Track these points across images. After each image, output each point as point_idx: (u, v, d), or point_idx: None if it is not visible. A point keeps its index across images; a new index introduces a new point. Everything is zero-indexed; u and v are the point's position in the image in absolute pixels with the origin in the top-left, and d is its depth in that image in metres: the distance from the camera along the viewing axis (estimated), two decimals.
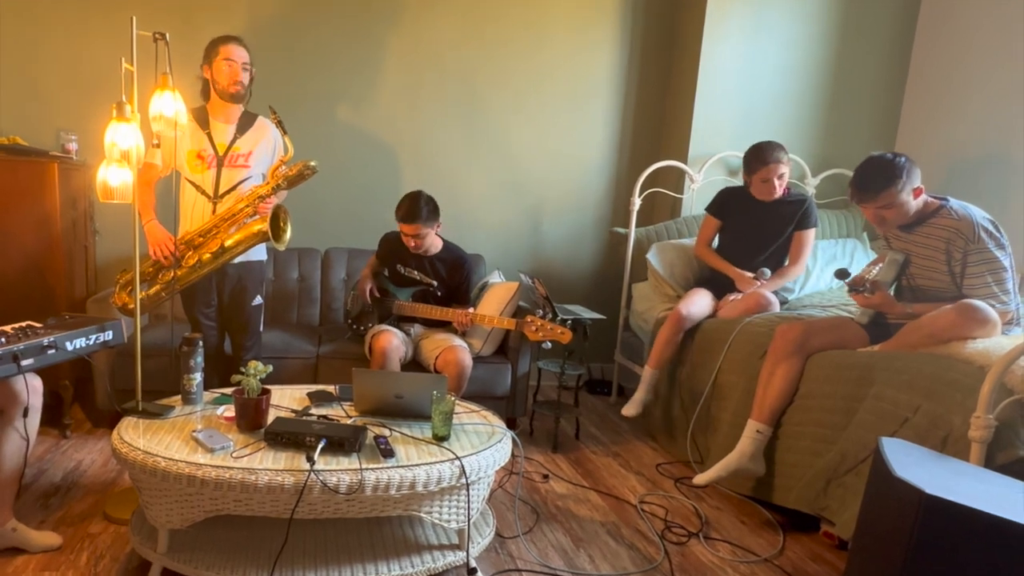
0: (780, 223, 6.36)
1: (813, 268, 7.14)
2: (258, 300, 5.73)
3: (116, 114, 4.37)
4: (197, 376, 4.50)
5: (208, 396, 4.67)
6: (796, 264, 6.37)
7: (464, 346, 5.91)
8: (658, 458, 6.15)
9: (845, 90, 7.85)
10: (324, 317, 7.13)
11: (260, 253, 5.69)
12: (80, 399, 6.48)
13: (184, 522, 3.78)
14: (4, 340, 3.79)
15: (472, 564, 4.11)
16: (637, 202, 7.42)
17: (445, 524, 4.00)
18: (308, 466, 3.63)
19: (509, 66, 7.62)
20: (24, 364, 3.79)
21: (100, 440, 5.90)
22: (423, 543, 4.20)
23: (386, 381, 4.58)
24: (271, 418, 4.21)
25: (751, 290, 6.13)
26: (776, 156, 6.21)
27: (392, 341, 5.77)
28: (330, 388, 4.94)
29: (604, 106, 7.93)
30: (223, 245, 5.24)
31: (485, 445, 4.10)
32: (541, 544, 4.63)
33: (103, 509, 4.73)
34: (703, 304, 6.26)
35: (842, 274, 5.22)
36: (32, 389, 4.07)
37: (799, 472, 4.95)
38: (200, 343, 4.48)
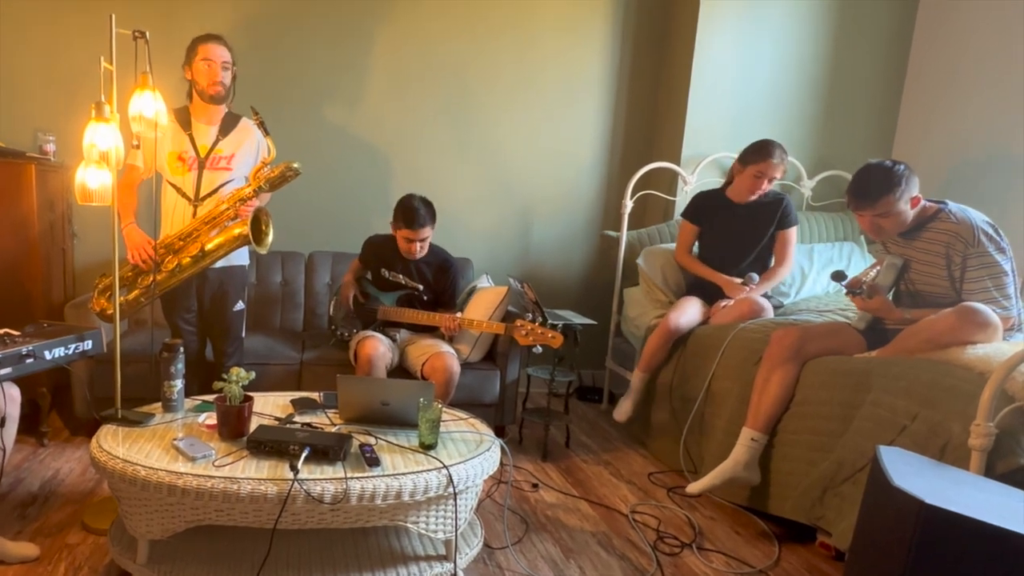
0: (759, 225, 6.37)
1: (809, 272, 7.13)
2: (240, 305, 5.72)
3: (95, 114, 4.36)
4: (178, 383, 4.50)
5: (189, 403, 4.67)
6: (783, 264, 6.38)
7: (452, 352, 5.91)
8: (650, 467, 6.15)
9: (842, 90, 7.86)
10: (308, 322, 7.13)
11: (242, 258, 5.68)
12: (58, 406, 6.47)
13: (164, 532, 3.77)
14: None
15: (459, 575, 4.11)
16: (629, 204, 7.42)
17: (432, 535, 4.00)
18: (292, 475, 3.63)
19: (497, 65, 7.62)
20: (1, 373, 3.79)
21: (78, 449, 5.88)
22: (409, 554, 4.20)
23: (372, 388, 4.57)
24: (254, 426, 4.20)
25: (741, 296, 6.15)
26: (780, 156, 6.20)
27: (378, 348, 5.76)
28: (314, 395, 4.94)
29: (595, 106, 7.94)
30: (203, 249, 5.24)
31: (473, 453, 4.10)
32: (530, 555, 4.63)
33: (81, 519, 4.72)
34: (693, 313, 6.27)
35: (838, 276, 5.23)
36: (9, 398, 4.07)
37: (795, 481, 4.94)
38: (181, 349, 4.49)
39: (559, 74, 7.78)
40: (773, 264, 6.42)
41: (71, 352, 4.25)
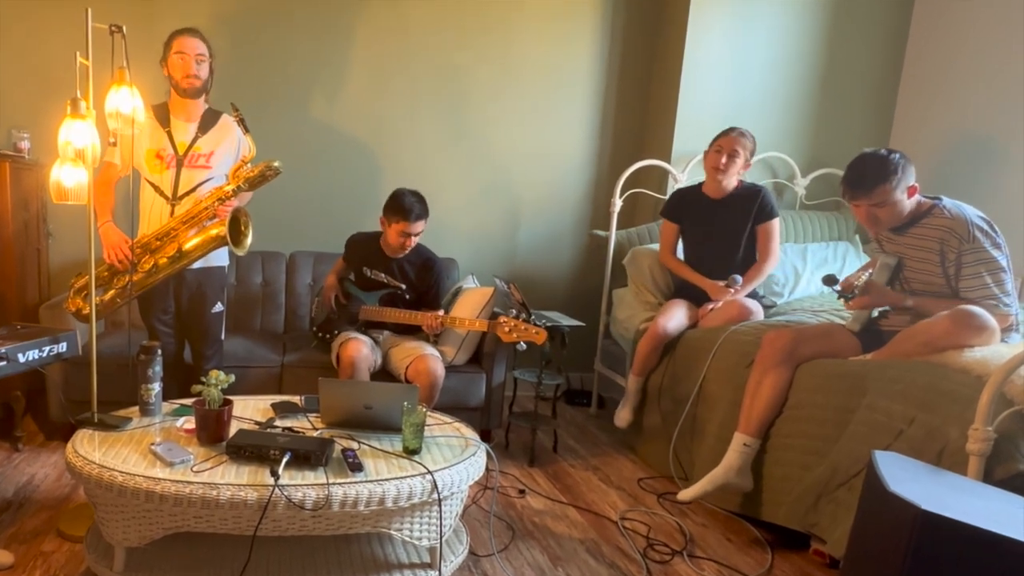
0: (736, 219, 6.37)
1: (803, 271, 7.14)
2: (219, 307, 5.71)
3: (70, 111, 4.37)
4: (155, 386, 4.50)
5: (167, 407, 4.67)
6: (767, 259, 6.35)
7: (436, 355, 5.91)
8: (640, 472, 6.15)
9: (837, 86, 7.87)
10: (289, 324, 7.13)
11: (222, 258, 5.67)
12: (32, 410, 6.45)
13: (142, 539, 3.78)
14: None
15: None
16: (618, 203, 7.40)
17: (416, 542, 4.01)
18: (272, 481, 3.63)
19: (483, 59, 7.62)
20: None
21: (54, 453, 5.87)
22: (393, 561, 4.21)
23: (354, 391, 4.58)
24: (233, 430, 4.20)
25: (727, 298, 6.16)
26: (738, 132, 6.29)
27: (361, 350, 5.76)
28: (295, 399, 4.95)
29: (583, 102, 7.94)
30: (180, 249, 5.23)
31: (458, 458, 4.11)
32: (517, 563, 4.63)
33: (57, 526, 4.70)
34: (680, 317, 6.28)
35: (830, 280, 5.22)
36: None
37: (788, 487, 4.95)
38: (158, 352, 4.48)
39: (546, 68, 7.78)
40: (757, 260, 6.42)
41: (46, 355, 4.25)
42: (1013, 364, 3.77)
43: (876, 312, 5.29)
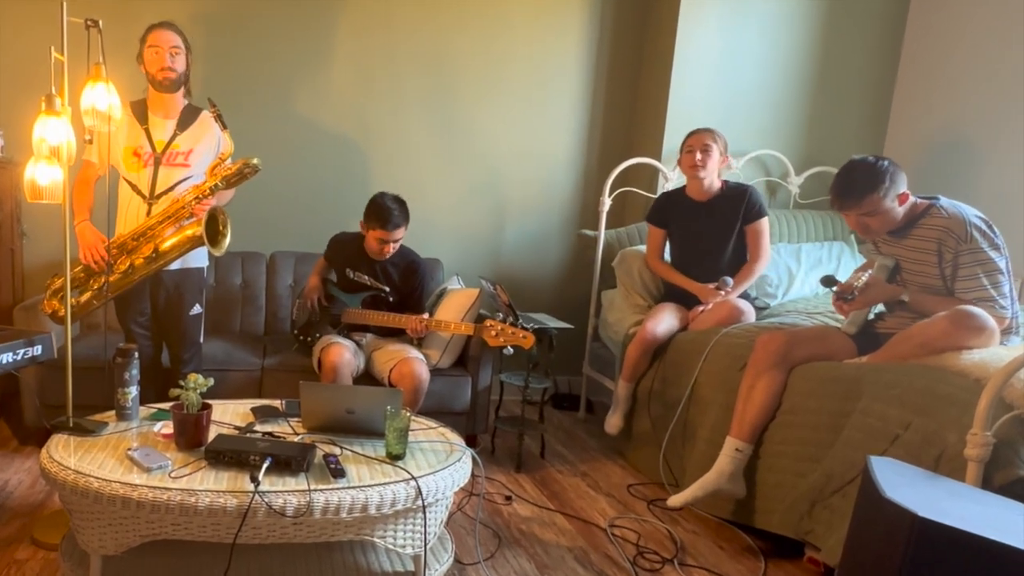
0: (724, 221, 6.37)
1: (797, 272, 7.15)
2: (197, 309, 5.71)
3: (45, 107, 4.37)
4: (132, 390, 4.49)
5: (144, 412, 4.66)
6: (758, 260, 6.36)
7: (420, 358, 5.92)
8: (629, 478, 6.16)
9: (832, 82, 7.88)
10: (269, 326, 7.12)
11: (201, 259, 5.67)
12: (6, 415, 6.45)
13: (118, 547, 3.77)
14: None
15: None
16: (607, 202, 7.40)
17: (400, 549, 4.01)
18: (252, 487, 3.63)
19: (468, 55, 7.62)
20: None
21: (28, 459, 5.86)
22: (376, 570, 4.21)
23: (336, 395, 4.58)
24: (212, 435, 4.18)
25: (717, 300, 6.16)
26: (705, 129, 6.35)
27: (343, 355, 5.76)
28: (276, 403, 4.94)
29: (571, 98, 7.95)
30: (157, 249, 5.23)
31: (443, 464, 4.11)
32: (503, 571, 4.64)
33: (31, 533, 4.70)
34: (670, 321, 6.27)
35: (828, 281, 5.20)
36: None
37: (782, 494, 4.94)
38: (135, 355, 4.47)
39: (534, 64, 7.78)
40: (748, 261, 6.41)
41: (20, 358, 4.25)
42: (1013, 367, 3.75)
43: (872, 314, 5.30)
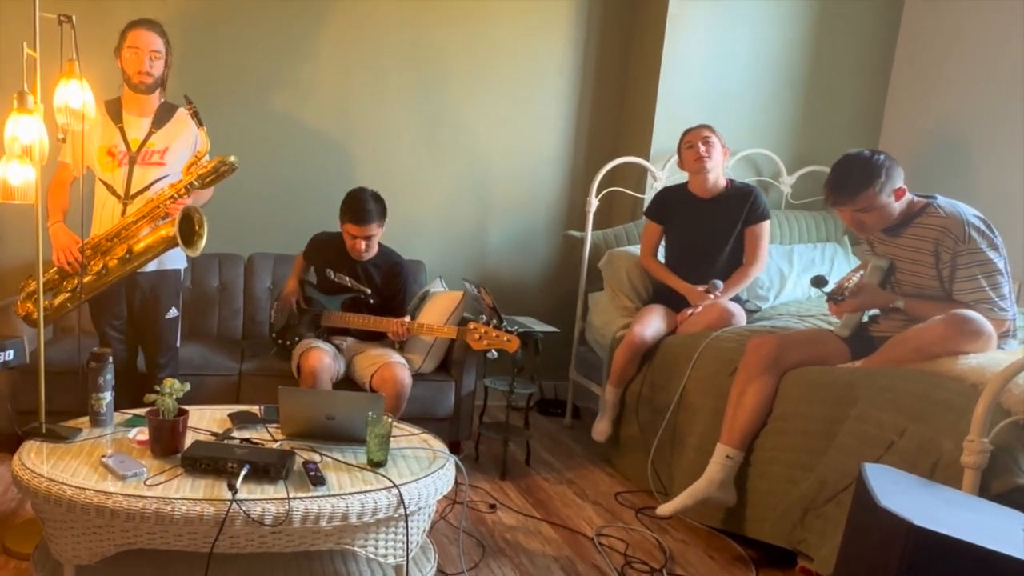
0: (726, 220, 6.39)
1: (789, 274, 7.15)
2: (173, 312, 5.71)
3: (17, 105, 4.38)
4: (107, 395, 4.49)
5: (119, 417, 4.66)
6: (754, 263, 6.37)
7: (403, 362, 5.93)
8: (617, 486, 6.17)
9: (825, 79, 7.89)
10: (247, 330, 7.11)
11: (178, 261, 5.67)
12: None
13: (93, 557, 3.78)
14: None
15: None
16: (594, 202, 7.40)
17: (381, 559, 4.02)
18: (230, 495, 3.64)
19: (453, 50, 7.61)
20: None
21: None
22: None
23: (316, 401, 4.59)
24: (188, 442, 4.20)
25: (706, 303, 6.15)
26: (700, 124, 6.41)
27: (323, 360, 5.76)
28: (254, 408, 4.94)
29: (557, 96, 7.95)
30: (131, 250, 5.23)
31: (426, 472, 4.12)
32: None
33: (2, 542, 4.69)
34: (658, 324, 6.27)
35: (819, 282, 5.21)
36: None
37: (773, 502, 4.94)
38: (110, 359, 4.47)
39: (517, 63, 7.78)
40: (743, 264, 6.42)
41: None
42: (1010, 372, 3.74)
43: (866, 317, 5.29)
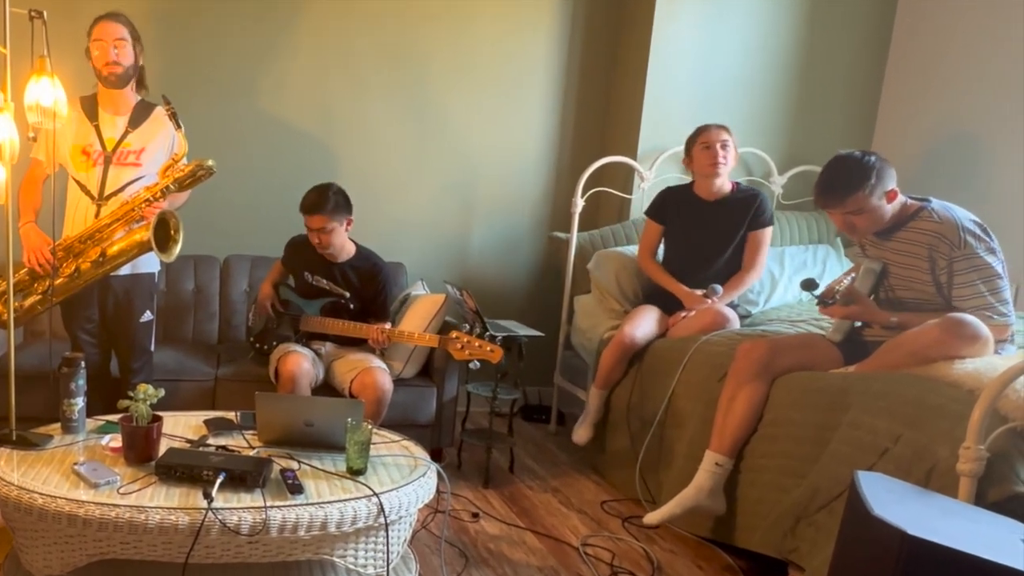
0: (730, 224, 6.39)
1: (780, 277, 7.16)
2: (147, 316, 5.71)
3: None
4: (79, 401, 4.49)
5: (92, 424, 4.66)
6: (752, 269, 6.39)
7: (383, 367, 5.94)
8: (603, 494, 6.18)
9: (817, 77, 7.90)
10: (223, 334, 7.11)
11: (151, 264, 5.66)
12: None
13: (64, 567, 3.78)
14: None
15: None
16: (579, 203, 7.39)
17: (361, 569, 4.03)
18: (205, 504, 3.64)
19: (433, 48, 7.60)
20: None
21: None
22: None
23: (294, 407, 4.60)
24: (163, 449, 4.19)
25: (702, 308, 6.16)
26: (717, 125, 6.35)
27: (302, 365, 5.77)
28: (230, 415, 4.94)
29: (541, 94, 7.95)
30: (104, 253, 5.22)
31: (407, 480, 4.13)
32: None
33: None
34: (649, 324, 6.28)
35: (809, 285, 5.21)
36: None
37: (764, 510, 4.93)
38: (82, 364, 4.47)
39: (501, 60, 7.78)
40: (741, 269, 6.44)
41: None
42: (1008, 377, 3.71)
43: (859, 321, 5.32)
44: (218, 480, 3.78)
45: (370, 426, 4.25)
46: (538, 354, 7.66)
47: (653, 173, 7.52)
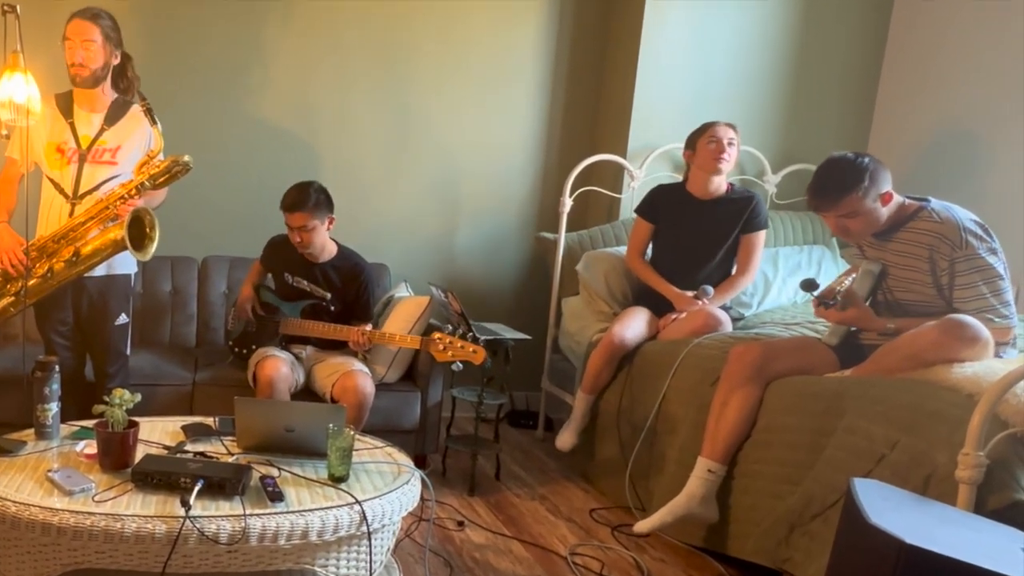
0: (723, 225, 6.39)
1: (774, 279, 7.15)
2: (123, 319, 5.69)
3: None
4: (53, 406, 4.48)
5: (66, 430, 4.65)
6: (745, 273, 6.41)
7: (365, 371, 5.94)
8: (592, 502, 6.18)
9: (812, 73, 7.90)
10: (201, 337, 7.09)
11: (127, 265, 5.63)
12: None
13: None
14: None
15: None
16: (568, 203, 7.39)
17: None
18: (183, 512, 3.64)
19: (419, 44, 7.58)
20: None
21: None
22: None
23: (274, 412, 4.61)
24: (140, 455, 4.19)
25: (692, 310, 6.16)
26: (727, 122, 6.34)
27: (280, 369, 5.77)
28: (208, 420, 4.94)
29: (529, 92, 7.94)
30: (78, 253, 5.20)
31: (390, 487, 4.14)
32: None
33: None
34: (640, 326, 6.27)
35: (809, 285, 5.22)
36: None
37: (757, 518, 4.93)
38: (56, 368, 4.46)
39: (487, 56, 7.76)
40: (734, 272, 6.45)
41: None
42: (1008, 381, 3.72)
43: None
44: (196, 487, 3.77)
45: (352, 432, 4.24)
46: (525, 358, 7.63)
47: (643, 172, 7.51)
